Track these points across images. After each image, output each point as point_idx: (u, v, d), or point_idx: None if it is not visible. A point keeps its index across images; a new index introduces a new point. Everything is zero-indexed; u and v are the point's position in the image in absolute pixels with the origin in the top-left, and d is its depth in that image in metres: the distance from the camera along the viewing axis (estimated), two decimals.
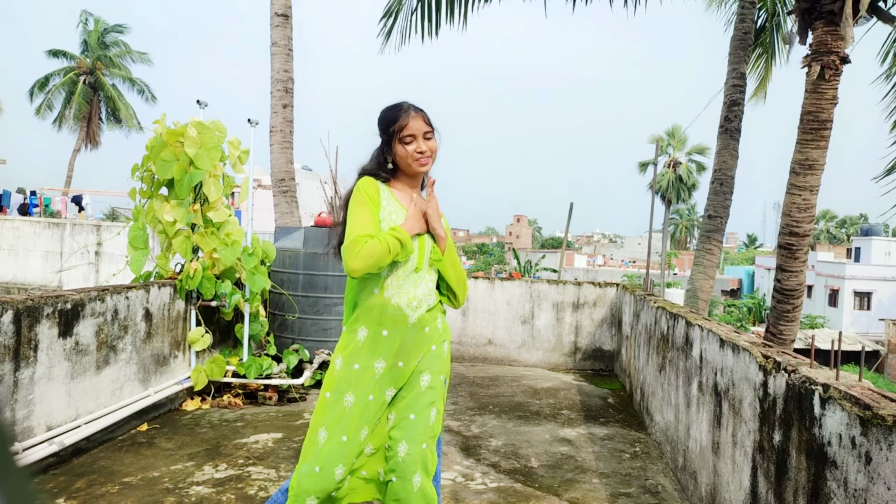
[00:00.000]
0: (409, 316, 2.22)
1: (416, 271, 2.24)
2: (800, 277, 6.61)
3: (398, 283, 2.22)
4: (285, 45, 8.75)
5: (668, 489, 3.72)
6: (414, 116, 2.22)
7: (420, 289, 2.25)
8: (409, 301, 2.22)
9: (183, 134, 4.77)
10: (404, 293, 2.22)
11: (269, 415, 4.80)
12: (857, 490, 1.79)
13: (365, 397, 2.18)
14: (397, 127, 2.22)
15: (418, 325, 2.25)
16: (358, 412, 2.16)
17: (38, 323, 3.41)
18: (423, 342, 2.27)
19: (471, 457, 4.11)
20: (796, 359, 2.48)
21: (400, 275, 2.22)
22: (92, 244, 13.81)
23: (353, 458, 2.16)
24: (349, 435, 2.14)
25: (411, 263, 2.24)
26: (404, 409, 2.20)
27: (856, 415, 1.82)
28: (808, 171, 6.36)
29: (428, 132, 2.24)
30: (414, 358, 2.24)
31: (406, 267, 2.23)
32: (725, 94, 8.68)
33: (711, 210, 8.73)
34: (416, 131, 2.21)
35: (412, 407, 2.20)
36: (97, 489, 3.31)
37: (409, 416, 2.18)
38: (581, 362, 7.35)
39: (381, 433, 2.21)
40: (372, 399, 2.19)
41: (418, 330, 2.25)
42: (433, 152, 2.26)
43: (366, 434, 2.19)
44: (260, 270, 5.21)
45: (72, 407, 3.71)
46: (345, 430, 2.14)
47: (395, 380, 2.23)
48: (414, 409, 2.19)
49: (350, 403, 2.16)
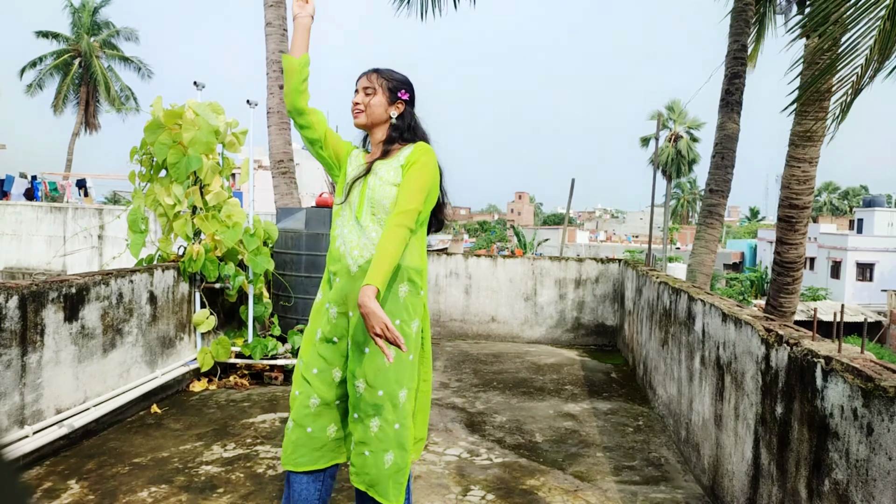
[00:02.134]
0: (350, 265, 2.23)
1: (357, 220, 2.26)
2: (799, 250, 6.61)
3: (343, 230, 2.29)
4: (280, 25, 8.65)
5: (672, 462, 3.76)
6: (363, 75, 2.37)
7: (363, 238, 2.23)
8: (351, 250, 2.24)
9: (180, 116, 4.74)
10: (348, 241, 2.26)
11: (275, 394, 4.84)
12: (858, 461, 1.81)
13: (330, 337, 2.26)
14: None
15: (361, 276, 2.19)
16: (323, 349, 2.27)
17: (43, 308, 3.43)
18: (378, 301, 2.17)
19: (476, 433, 4.15)
20: (798, 332, 2.49)
21: (345, 223, 2.29)
22: (94, 228, 13.82)
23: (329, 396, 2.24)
24: (320, 369, 2.25)
25: (350, 210, 2.29)
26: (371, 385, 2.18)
27: (858, 386, 1.83)
28: (807, 143, 6.33)
29: (368, 88, 2.34)
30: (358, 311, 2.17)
31: (350, 216, 2.29)
32: (726, 67, 8.58)
33: (713, 184, 8.69)
34: (358, 86, 2.36)
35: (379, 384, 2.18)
36: (108, 470, 3.35)
37: (377, 393, 2.18)
38: (584, 338, 7.38)
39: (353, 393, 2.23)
40: (337, 341, 2.26)
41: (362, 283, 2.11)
42: (368, 106, 2.33)
43: (339, 375, 2.26)
44: (262, 252, 5.22)
45: (80, 390, 3.74)
46: (315, 363, 2.27)
47: (351, 330, 2.22)
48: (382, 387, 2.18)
49: (318, 338, 2.29)
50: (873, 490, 1.73)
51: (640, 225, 74.39)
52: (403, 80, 2.40)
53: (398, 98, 2.36)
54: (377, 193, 2.24)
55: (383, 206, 2.23)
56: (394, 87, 2.35)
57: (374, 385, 2.18)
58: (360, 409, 2.20)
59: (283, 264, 5.69)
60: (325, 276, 2.37)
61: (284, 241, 5.71)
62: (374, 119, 2.34)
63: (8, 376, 3.19)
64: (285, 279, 5.70)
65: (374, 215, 2.25)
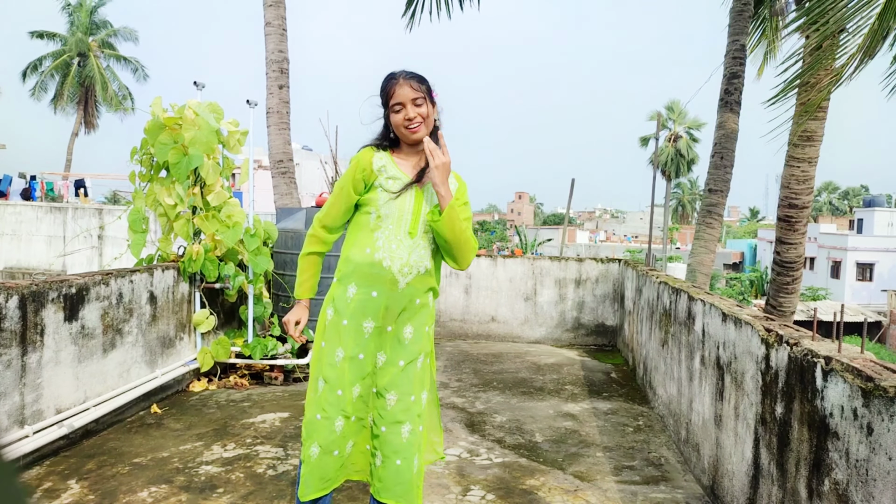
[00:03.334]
0: (399, 281, 2.19)
1: (410, 236, 2.20)
2: (799, 249, 6.61)
3: (390, 245, 2.19)
4: (279, 25, 8.66)
5: (671, 462, 3.76)
6: (402, 84, 2.19)
7: (413, 255, 2.20)
8: (400, 267, 2.19)
9: (181, 116, 4.74)
10: (397, 258, 2.18)
11: (275, 394, 4.84)
12: (858, 461, 1.81)
13: (355, 354, 2.21)
14: (388, 96, 2.22)
15: (408, 292, 2.21)
16: (348, 367, 2.21)
17: (43, 308, 3.43)
18: (413, 312, 2.25)
19: (476, 433, 4.15)
20: (798, 332, 2.49)
21: (392, 238, 2.20)
22: (94, 228, 13.82)
23: (352, 413, 2.22)
24: (343, 389, 2.20)
25: (404, 227, 2.20)
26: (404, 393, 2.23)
27: (858, 386, 1.83)
28: (807, 143, 6.33)
29: (417, 98, 2.19)
30: (402, 325, 2.24)
31: (399, 230, 2.20)
32: (725, 67, 8.58)
33: (712, 184, 8.69)
34: (403, 99, 2.18)
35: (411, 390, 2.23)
36: (108, 470, 3.35)
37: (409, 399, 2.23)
38: (584, 338, 7.38)
39: (377, 407, 2.24)
40: (363, 358, 2.22)
41: (408, 298, 2.22)
42: (424, 118, 2.20)
43: (358, 392, 2.21)
44: (262, 252, 5.22)
45: (80, 390, 3.74)
46: (339, 384, 2.21)
47: (385, 344, 2.24)
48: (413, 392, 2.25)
49: (340, 358, 2.21)
50: (873, 490, 1.73)
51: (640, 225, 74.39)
52: (427, 80, 2.27)
53: (434, 101, 2.27)
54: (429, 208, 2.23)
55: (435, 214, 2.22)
56: (429, 89, 2.24)
57: (406, 392, 2.21)
58: (390, 419, 2.20)
59: (283, 264, 5.69)
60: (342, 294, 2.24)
61: (284, 241, 5.72)
62: (429, 130, 2.24)
63: (8, 376, 3.19)
64: (285, 279, 5.70)
65: (426, 233, 2.23)
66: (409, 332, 2.25)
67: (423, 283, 2.24)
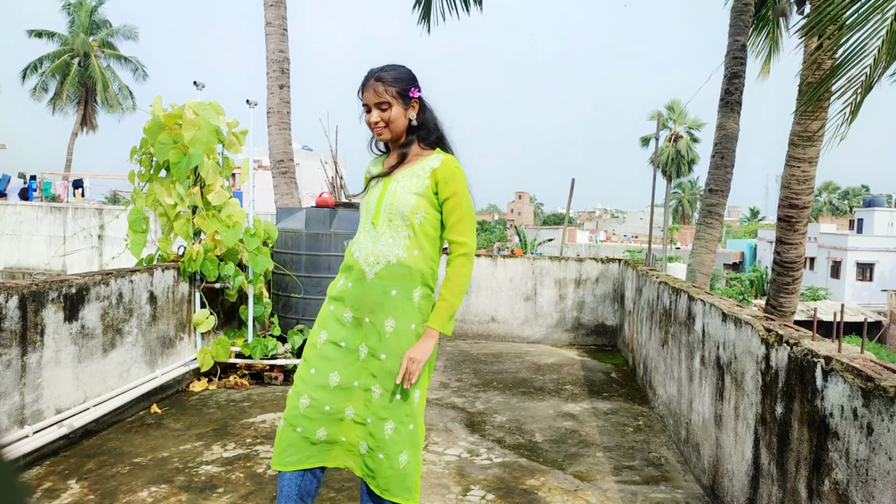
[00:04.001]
0: (367, 272, 2.20)
1: (374, 226, 2.22)
2: (799, 249, 6.61)
3: (359, 237, 2.25)
4: (280, 25, 8.66)
5: (672, 462, 3.76)
6: (368, 86, 2.21)
7: (378, 245, 2.20)
8: (365, 257, 2.20)
9: (180, 116, 4.74)
10: (363, 248, 2.21)
11: (275, 394, 4.84)
12: (858, 460, 1.81)
13: (336, 340, 2.23)
14: (360, 97, 2.26)
15: (378, 283, 2.19)
16: (327, 350, 2.23)
17: (43, 308, 3.43)
18: (392, 306, 2.20)
19: (476, 433, 4.15)
20: (798, 331, 2.49)
21: (361, 229, 2.27)
22: (94, 228, 13.82)
23: (325, 401, 2.20)
24: (318, 369, 2.23)
25: (366, 217, 2.24)
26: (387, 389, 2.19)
27: (858, 386, 1.83)
28: (807, 143, 6.33)
29: (381, 102, 2.19)
30: (381, 318, 2.19)
31: (367, 221, 2.24)
32: (726, 67, 8.59)
33: (712, 184, 8.70)
34: (368, 101, 2.22)
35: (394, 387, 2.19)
36: (108, 470, 3.35)
37: (395, 397, 2.19)
38: (584, 338, 7.38)
39: (360, 399, 2.21)
40: (344, 346, 2.22)
41: (379, 289, 2.19)
42: (388, 122, 2.21)
43: (336, 381, 2.20)
44: (262, 251, 5.22)
45: (80, 390, 3.74)
46: (314, 364, 2.24)
47: (366, 336, 2.21)
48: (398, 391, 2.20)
49: (322, 340, 2.26)
50: (873, 490, 1.73)
51: (640, 225, 74.38)
52: (408, 77, 2.23)
53: (411, 99, 2.23)
54: (397, 200, 2.19)
55: (402, 213, 2.19)
56: (402, 89, 2.21)
57: (391, 389, 2.18)
58: (375, 413, 2.18)
59: (283, 264, 5.69)
60: (334, 282, 2.34)
61: (284, 240, 5.72)
62: (398, 131, 2.24)
63: (8, 376, 3.19)
64: (285, 279, 5.70)
65: (390, 221, 2.20)
66: (391, 327, 2.19)
67: (394, 275, 2.19)
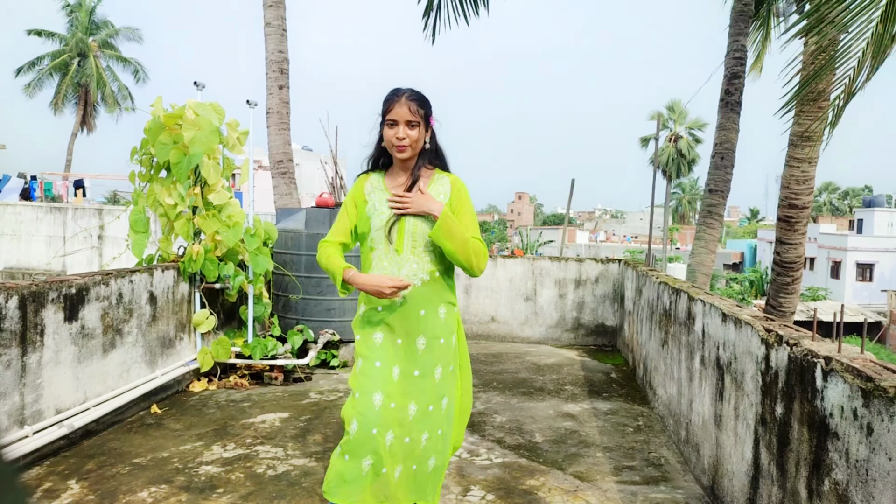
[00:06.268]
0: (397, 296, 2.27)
1: (397, 253, 2.29)
2: (799, 250, 6.61)
3: (382, 264, 2.30)
4: (279, 26, 8.66)
5: (671, 462, 3.76)
6: (402, 103, 2.23)
7: (404, 270, 2.29)
8: None
9: (181, 116, 4.74)
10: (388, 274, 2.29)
11: (275, 395, 4.84)
12: (858, 461, 1.81)
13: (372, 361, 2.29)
14: (386, 109, 2.27)
15: (410, 305, 2.30)
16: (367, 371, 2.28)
17: (43, 308, 3.43)
18: (423, 324, 2.32)
19: (476, 433, 4.15)
20: (798, 332, 2.49)
21: (383, 256, 2.31)
22: (94, 228, 13.82)
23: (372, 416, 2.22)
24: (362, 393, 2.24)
25: (386, 245, 2.30)
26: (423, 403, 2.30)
27: (858, 387, 1.83)
28: (807, 143, 6.33)
29: (412, 121, 2.24)
30: (412, 337, 2.31)
31: (388, 248, 2.30)
32: (726, 67, 8.59)
33: (712, 184, 8.69)
34: (398, 117, 2.24)
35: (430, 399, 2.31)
36: (108, 470, 3.35)
37: (428, 409, 2.31)
38: (584, 338, 7.38)
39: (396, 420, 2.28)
40: (379, 366, 2.29)
41: (411, 310, 2.31)
42: (413, 141, 2.26)
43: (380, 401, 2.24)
44: (262, 252, 5.22)
45: (80, 390, 3.74)
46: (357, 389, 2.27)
47: (397, 357, 2.32)
48: (432, 402, 2.32)
49: (359, 366, 2.32)
50: (873, 490, 1.73)
51: (640, 225, 74.38)
52: (430, 104, 2.32)
53: (430, 125, 2.32)
54: (419, 228, 2.28)
55: (426, 239, 2.29)
56: (427, 114, 2.29)
57: (424, 402, 2.29)
58: (411, 428, 2.27)
59: (283, 265, 5.69)
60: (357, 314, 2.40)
61: (284, 241, 5.72)
62: (416, 151, 2.30)
63: (8, 376, 3.19)
64: (285, 279, 5.70)
65: (414, 248, 2.30)
66: (422, 344, 2.32)
67: (424, 294, 2.31)
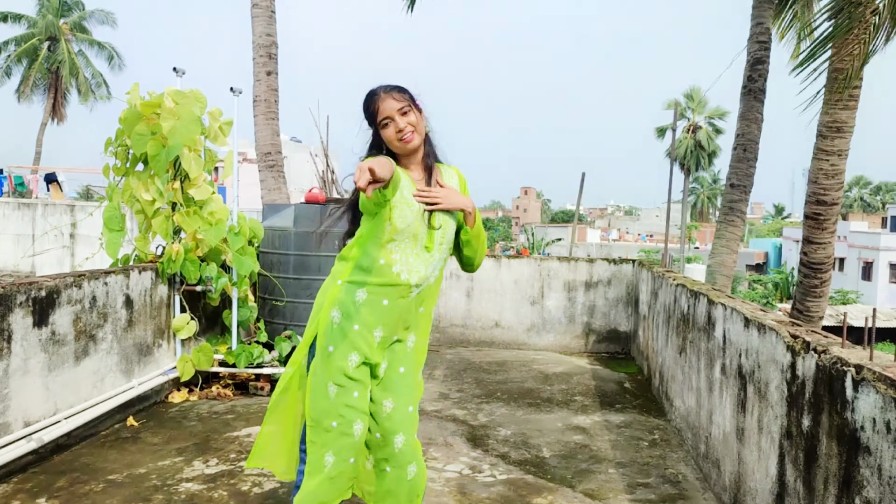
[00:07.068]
0: (413, 292, 2.39)
1: (427, 251, 2.37)
2: (828, 249, 6.61)
3: (407, 259, 2.34)
4: (267, 7, 8.66)
5: (690, 478, 3.76)
6: (384, 98, 2.31)
7: (430, 268, 2.40)
8: (418, 280, 2.37)
9: (159, 105, 4.74)
10: (415, 272, 2.36)
11: (261, 406, 4.84)
12: (892, 477, 1.81)
13: (368, 361, 2.36)
14: (373, 114, 2.34)
15: (416, 301, 2.43)
16: (362, 372, 2.35)
17: (10, 312, 3.43)
18: (418, 321, 2.49)
19: (478, 447, 4.15)
20: (827, 338, 2.49)
21: (409, 252, 2.35)
22: (66, 226, 13.82)
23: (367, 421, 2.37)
24: (360, 391, 2.33)
25: (420, 242, 2.35)
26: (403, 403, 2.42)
27: (891, 397, 1.83)
28: (836, 134, 6.33)
29: (403, 107, 2.31)
30: (406, 333, 2.47)
31: (416, 245, 2.35)
32: (748, 52, 8.59)
33: (734, 178, 8.70)
34: (389, 112, 2.31)
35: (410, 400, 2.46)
36: (80, 488, 3.35)
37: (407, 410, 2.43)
38: (595, 345, 7.38)
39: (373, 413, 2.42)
40: (370, 365, 2.39)
41: (415, 307, 2.44)
42: (416, 125, 2.34)
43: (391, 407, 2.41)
44: (247, 252, 5.22)
45: (50, 401, 3.74)
46: (354, 387, 2.32)
47: (387, 353, 2.44)
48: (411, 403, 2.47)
49: (354, 363, 2.33)
50: None
51: (656, 223, 74.39)
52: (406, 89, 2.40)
53: (419, 107, 2.39)
54: (448, 228, 2.41)
55: (450, 239, 2.44)
56: (412, 97, 2.37)
57: (404, 402, 2.41)
58: (386, 427, 2.38)
59: (270, 265, 5.69)
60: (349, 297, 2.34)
61: (271, 240, 5.71)
62: (422, 136, 2.40)
63: None
64: (271, 282, 5.70)
65: (441, 246, 2.40)
66: (412, 341, 2.49)
67: (430, 292, 2.47)
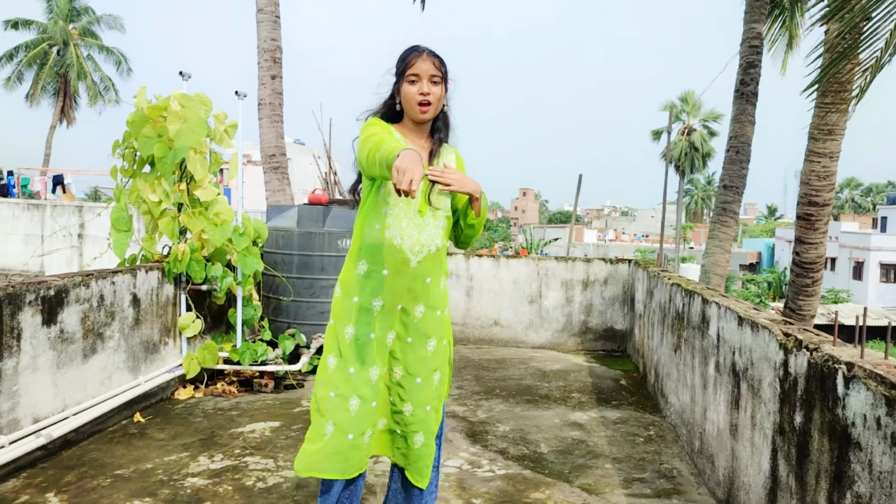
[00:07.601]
0: (411, 260, 2.31)
1: (420, 215, 2.31)
2: (820, 249, 6.62)
3: (400, 224, 2.30)
4: (272, 12, 8.65)
5: (684, 473, 3.76)
6: (424, 58, 2.28)
7: (424, 234, 2.32)
8: (411, 245, 2.30)
9: (166, 108, 4.74)
10: (408, 236, 2.30)
11: (265, 402, 4.84)
12: (882, 472, 1.81)
13: (366, 333, 2.33)
14: (406, 65, 2.29)
15: (419, 270, 2.34)
16: (361, 345, 2.32)
17: (20, 311, 3.43)
18: (425, 292, 2.39)
19: (477, 443, 4.15)
20: (818, 336, 2.49)
21: (402, 216, 2.30)
22: (74, 226, 13.81)
23: (372, 398, 2.32)
24: (356, 367, 2.31)
25: (413, 206, 2.31)
26: (411, 373, 2.38)
27: (881, 394, 1.83)
28: (828, 137, 6.33)
29: (435, 76, 2.28)
30: (413, 304, 2.38)
31: (409, 208, 2.30)
32: (741, 56, 8.58)
33: (727, 180, 8.69)
34: (422, 72, 2.27)
35: (418, 371, 2.39)
36: (88, 482, 3.35)
37: (415, 381, 2.38)
38: (592, 343, 7.38)
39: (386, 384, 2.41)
40: (373, 337, 2.34)
41: (419, 277, 2.36)
42: (436, 99, 2.29)
43: (377, 374, 2.34)
44: (252, 252, 5.22)
45: (59, 398, 3.74)
46: (350, 362, 2.31)
47: (394, 322, 2.38)
48: (420, 374, 2.39)
49: (350, 335, 2.32)
50: None
51: (652, 223, 74.37)
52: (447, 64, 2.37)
53: (447, 86, 2.36)
54: (441, 197, 2.34)
55: (444, 205, 2.36)
56: (447, 72, 2.34)
57: (414, 372, 2.37)
58: (396, 393, 2.38)
59: (274, 265, 5.69)
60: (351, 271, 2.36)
61: (275, 240, 5.72)
62: (436, 112, 2.35)
63: None
64: (276, 281, 5.70)
65: (434, 215, 2.34)
66: (420, 312, 2.39)
67: (434, 262, 2.37)
